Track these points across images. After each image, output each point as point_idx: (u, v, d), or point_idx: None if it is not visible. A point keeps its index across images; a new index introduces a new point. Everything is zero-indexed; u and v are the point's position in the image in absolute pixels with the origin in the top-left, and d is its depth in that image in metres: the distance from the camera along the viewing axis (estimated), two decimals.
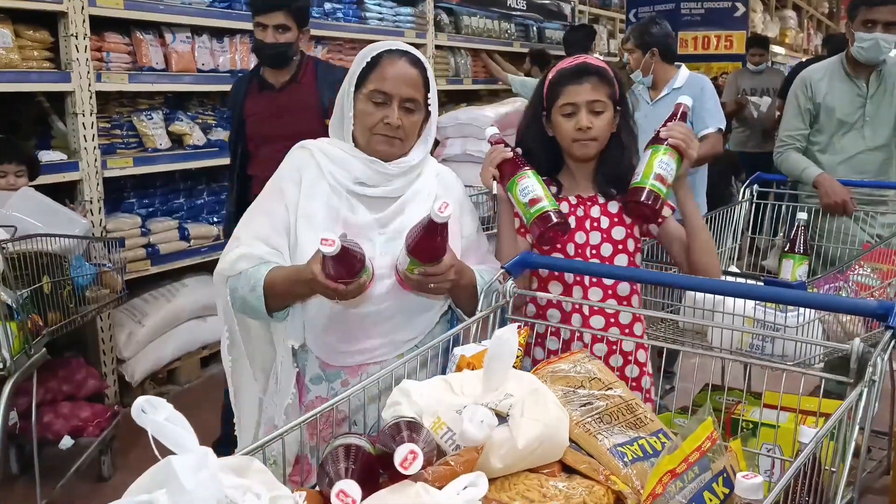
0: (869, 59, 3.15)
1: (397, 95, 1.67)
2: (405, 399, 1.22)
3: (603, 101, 1.82)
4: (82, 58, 3.37)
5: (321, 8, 4.80)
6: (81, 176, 3.43)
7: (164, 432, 0.84)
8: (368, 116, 1.69)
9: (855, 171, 3.24)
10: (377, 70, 1.69)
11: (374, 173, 1.71)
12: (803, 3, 13.98)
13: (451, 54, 6.26)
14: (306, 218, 1.70)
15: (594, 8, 9.57)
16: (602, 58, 1.98)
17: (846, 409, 1.18)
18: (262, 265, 1.66)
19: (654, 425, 1.32)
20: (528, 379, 1.26)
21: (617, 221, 1.90)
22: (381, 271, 1.65)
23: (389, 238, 1.71)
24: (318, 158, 1.74)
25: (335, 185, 1.71)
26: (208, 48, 4.06)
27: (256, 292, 1.63)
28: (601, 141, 1.85)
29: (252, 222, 1.75)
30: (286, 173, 1.76)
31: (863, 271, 2.72)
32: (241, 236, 1.73)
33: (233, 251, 1.70)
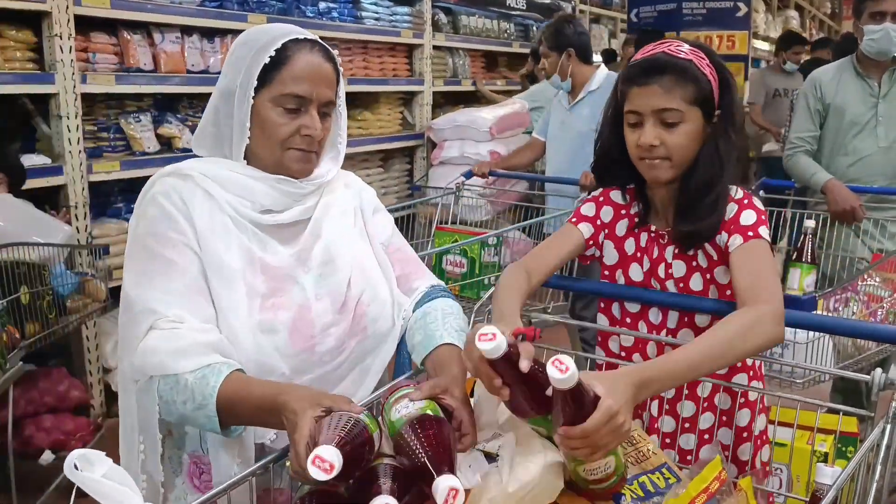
0: (881, 51, 3.05)
1: (317, 100, 1.34)
2: None
3: (677, 110, 1.42)
4: (67, 59, 3.27)
5: (315, 7, 4.70)
6: (66, 180, 3.33)
7: (102, 490, 0.74)
8: (280, 128, 1.33)
9: (868, 172, 3.14)
10: (287, 67, 1.32)
11: (281, 195, 1.36)
12: (805, 3, 13.91)
13: (449, 55, 6.16)
14: (219, 272, 1.30)
15: (595, 7, 9.48)
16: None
17: (869, 446, 1.09)
18: (207, 371, 1.20)
19: (657, 459, 1.23)
20: (514, 420, 1.17)
21: (695, 266, 1.52)
22: (326, 318, 1.36)
23: (320, 276, 1.39)
24: (207, 186, 1.33)
25: (237, 217, 1.33)
26: (198, 49, 3.96)
27: (205, 411, 1.19)
28: (678, 161, 1.45)
29: (157, 280, 1.28)
30: (176, 212, 1.31)
31: (873, 282, 2.65)
32: (154, 304, 1.26)
33: (151, 335, 1.24)
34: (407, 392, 1.12)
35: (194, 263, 1.30)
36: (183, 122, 3.98)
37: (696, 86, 1.42)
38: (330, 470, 0.90)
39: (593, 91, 3.65)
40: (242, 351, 1.29)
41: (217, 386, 1.18)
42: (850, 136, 3.15)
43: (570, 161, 3.67)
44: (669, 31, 8.61)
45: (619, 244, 1.62)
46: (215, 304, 1.30)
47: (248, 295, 1.31)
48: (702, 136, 1.46)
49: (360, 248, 1.47)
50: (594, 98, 3.62)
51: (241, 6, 4.15)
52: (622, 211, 1.62)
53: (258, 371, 1.28)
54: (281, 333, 1.32)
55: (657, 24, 8.66)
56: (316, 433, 0.99)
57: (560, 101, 3.84)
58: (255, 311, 1.31)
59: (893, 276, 2.72)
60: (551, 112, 3.95)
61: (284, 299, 1.34)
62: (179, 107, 4.10)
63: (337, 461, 0.90)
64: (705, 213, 1.45)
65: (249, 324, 1.30)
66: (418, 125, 5.61)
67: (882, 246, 3.06)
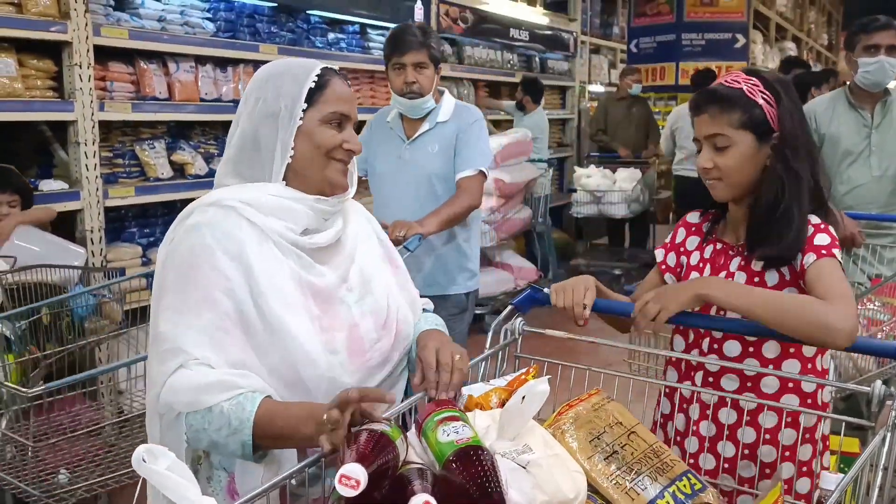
0: (876, 83, 3.14)
1: (354, 118, 1.48)
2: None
3: (724, 135, 1.55)
4: (86, 87, 3.36)
5: (325, 38, 4.82)
6: (83, 205, 3.40)
7: (166, 483, 0.80)
8: (330, 140, 1.42)
9: (862, 201, 3.22)
10: (327, 90, 1.44)
11: (317, 215, 1.43)
12: (803, 35, 14.09)
13: (453, 85, 6.28)
14: (281, 299, 1.34)
15: (596, 38, 9.64)
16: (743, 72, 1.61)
17: (870, 454, 1.15)
18: (242, 398, 1.24)
19: (679, 467, 1.29)
20: (548, 438, 1.23)
21: (756, 282, 1.60)
22: (372, 335, 1.44)
23: (360, 296, 1.46)
24: (249, 215, 1.36)
25: (281, 242, 1.38)
26: (212, 78, 4.06)
27: (240, 436, 1.22)
28: (732, 181, 1.58)
29: (189, 317, 1.30)
30: (217, 245, 1.33)
31: (872, 306, 2.70)
32: (184, 343, 1.28)
33: (181, 374, 1.27)
34: (451, 414, 1.16)
35: (229, 304, 1.31)
36: (195, 148, 4.06)
37: (744, 111, 1.55)
38: (357, 486, 0.96)
39: (442, 122, 2.98)
40: (316, 370, 1.34)
41: (254, 410, 1.22)
42: (844, 165, 3.24)
43: (413, 213, 2.85)
44: (669, 61, 8.77)
45: (688, 257, 1.77)
46: (277, 326, 1.32)
47: (308, 319, 1.36)
48: (757, 157, 1.57)
49: (386, 269, 1.57)
50: (445, 130, 2.99)
51: (253, 37, 4.26)
52: (693, 228, 1.79)
53: (330, 387, 1.34)
54: (342, 353, 1.39)
55: (656, 56, 8.81)
56: (342, 452, 1.06)
57: (391, 128, 3.08)
58: (317, 332, 1.36)
59: (893, 300, 2.77)
60: (375, 144, 3.12)
61: (336, 321, 1.40)
62: (192, 134, 4.20)
63: (362, 477, 0.96)
64: (778, 233, 1.54)
65: (317, 345, 1.35)
66: None
67: (879, 271, 3.12)
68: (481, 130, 3.05)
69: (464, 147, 2.94)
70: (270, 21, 4.41)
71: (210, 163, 4.09)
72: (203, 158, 4.06)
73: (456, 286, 3.06)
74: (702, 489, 1.24)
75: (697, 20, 8.97)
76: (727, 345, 1.63)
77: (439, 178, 2.97)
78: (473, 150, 2.96)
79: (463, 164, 2.94)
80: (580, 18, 8.45)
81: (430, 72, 2.91)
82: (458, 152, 2.95)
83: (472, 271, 3.14)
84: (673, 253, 1.80)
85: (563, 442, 1.25)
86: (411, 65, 2.88)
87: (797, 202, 1.54)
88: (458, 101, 3.14)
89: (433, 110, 2.98)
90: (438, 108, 3.00)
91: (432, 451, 1.11)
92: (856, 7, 12.00)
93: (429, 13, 5.73)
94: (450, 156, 2.95)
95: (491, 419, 1.23)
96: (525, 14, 7.22)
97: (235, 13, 4.19)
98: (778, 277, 1.60)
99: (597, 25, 9.76)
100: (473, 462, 1.03)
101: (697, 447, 1.63)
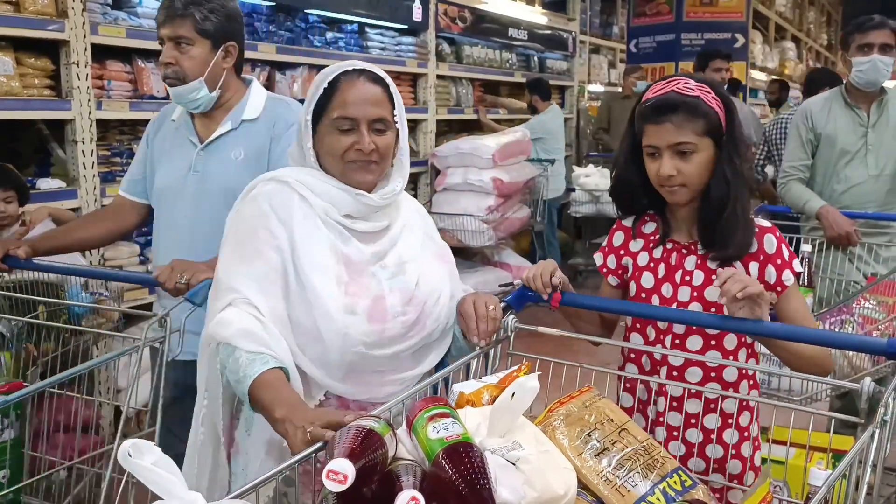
0: (870, 82, 3.15)
1: (364, 118, 1.56)
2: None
3: (691, 143, 1.56)
4: (83, 86, 3.36)
5: (322, 37, 4.82)
6: (80, 203, 3.41)
7: (151, 478, 0.81)
8: (337, 145, 1.58)
9: (859, 200, 3.23)
10: (337, 95, 1.57)
11: (361, 206, 1.61)
12: (802, 35, 14.10)
13: (452, 84, 6.28)
14: (312, 262, 1.55)
15: (595, 38, 9.64)
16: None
17: (858, 450, 1.15)
18: (258, 359, 1.43)
19: (670, 464, 1.30)
20: (538, 434, 1.24)
21: (714, 280, 1.63)
22: (396, 309, 1.59)
23: (393, 273, 1.62)
24: (301, 191, 1.59)
25: (326, 219, 1.59)
26: None
27: (241, 387, 1.43)
28: (694, 186, 1.60)
29: (244, 266, 1.55)
30: (271, 211, 1.58)
31: (868, 304, 2.70)
32: (237, 286, 1.53)
33: (230, 311, 1.51)
34: (441, 411, 1.17)
35: (277, 259, 1.54)
36: None
37: (706, 119, 1.57)
38: (344, 481, 0.97)
39: (251, 120, 2.27)
40: (333, 324, 1.52)
41: (259, 372, 1.41)
42: (841, 164, 3.25)
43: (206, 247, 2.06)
44: (668, 61, 8.78)
45: (633, 258, 1.77)
46: (308, 287, 1.52)
47: (336, 282, 1.55)
48: (713, 161, 1.60)
49: (428, 260, 1.71)
50: (251, 130, 2.27)
51: (251, 36, 4.26)
52: (631, 232, 1.78)
53: (343, 342, 1.53)
54: (360, 316, 1.55)
55: (656, 56, 8.82)
56: (330, 447, 1.07)
57: (178, 128, 2.34)
58: (341, 295, 1.54)
59: (888, 299, 2.78)
60: (158, 149, 2.38)
61: (363, 289, 1.57)
62: None
63: (350, 472, 0.97)
64: (731, 232, 1.59)
65: (338, 304, 1.53)
66: (422, 152, 5.71)
67: (874, 270, 3.13)
68: None
69: (281, 157, 2.13)
70: (268, 20, 4.41)
71: None
72: None
73: None
74: (692, 486, 1.25)
75: (697, 20, 8.97)
76: (690, 340, 1.67)
77: None
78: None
79: None
80: (579, 18, 8.46)
81: (198, 51, 2.19)
82: (273, 164, 2.17)
83: None
84: (613, 256, 1.81)
85: (553, 439, 1.26)
86: (169, 39, 2.21)
87: (742, 201, 1.60)
88: (273, 95, 2.39)
89: (239, 105, 2.28)
90: (244, 103, 2.28)
91: (422, 447, 1.11)
92: (855, 7, 12.00)
93: (427, 12, 5.73)
94: (261, 167, 2.17)
95: (481, 416, 1.23)
96: (524, 13, 7.22)
97: None
98: None
99: (596, 25, 9.76)
100: (462, 458, 1.03)
101: (666, 437, 1.66)
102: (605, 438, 1.29)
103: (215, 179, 2.22)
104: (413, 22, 5.59)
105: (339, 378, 1.57)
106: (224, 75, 2.25)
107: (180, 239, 2.27)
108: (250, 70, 4.27)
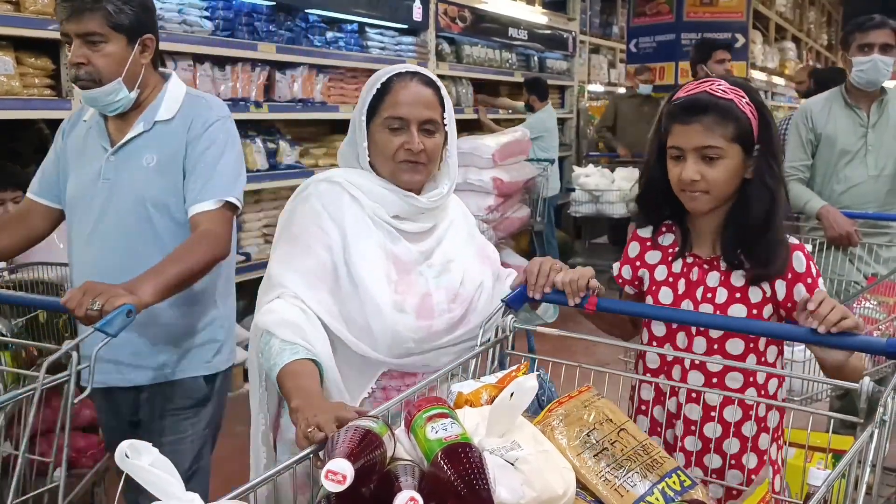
0: (870, 82, 3.16)
1: (415, 119, 1.60)
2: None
3: (719, 147, 1.48)
4: None
5: (323, 37, 4.82)
6: None
7: (149, 478, 0.81)
8: (388, 144, 1.61)
9: (859, 200, 3.23)
10: (390, 96, 1.62)
11: (410, 207, 1.65)
12: (802, 35, 14.10)
13: (452, 84, 6.28)
14: (363, 260, 1.59)
15: (595, 38, 9.64)
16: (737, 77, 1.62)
17: (857, 450, 1.15)
18: (289, 349, 1.47)
19: (669, 464, 1.30)
20: (537, 434, 1.23)
21: (739, 298, 1.56)
22: (442, 306, 1.64)
23: (439, 272, 1.67)
24: (352, 192, 1.64)
25: (376, 219, 1.63)
26: (210, 76, 4.07)
27: (272, 373, 1.47)
28: (718, 194, 1.52)
29: (294, 262, 1.60)
30: (323, 210, 1.62)
31: (868, 304, 2.70)
32: (285, 282, 1.57)
33: (276, 302, 1.55)
34: (440, 411, 1.15)
35: (327, 256, 1.58)
36: None
37: (737, 124, 1.49)
38: (343, 481, 0.96)
39: (165, 121, 2.02)
40: (384, 322, 1.57)
41: (287, 361, 1.44)
42: (841, 164, 3.25)
43: (117, 267, 1.94)
44: (668, 61, 8.77)
45: (650, 271, 1.70)
46: (360, 283, 1.57)
47: (386, 281, 1.60)
48: (741, 170, 1.52)
49: (472, 260, 1.75)
50: (167, 134, 2.02)
51: (251, 36, 4.27)
52: (648, 243, 1.71)
53: (393, 339, 1.58)
54: (409, 314, 1.60)
55: (656, 56, 8.81)
56: (329, 447, 1.06)
57: (90, 129, 2.08)
58: (391, 293, 1.59)
59: (888, 299, 2.78)
60: (70, 154, 2.12)
61: (411, 287, 1.63)
62: None
63: (349, 472, 0.96)
64: (768, 249, 1.52)
65: (388, 301, 1.58)
66: None
67: (874, 270, 3.13)
68: (228, 137, 2.03)
69: (198, 163, 1.97)
70: (269, 20, 4.42)
71: None
72: None
73: (189, 367, 2.11)
74: (691, 486, 1.25)
75: (697, 20, 8.96)
76: (697, 341, 1.60)
77: (160, 209, 2.00)
78: (212, 169, 1.98)
79: (197, 190, 1.97)
80: (579, 18, 8.46)
81: (112, 48, 1.92)
82: (189, 171, 1.99)
83: (217, 341, 2.16)
84: (628, 266, 1.74)
85: (552, 439, 1.25)
86: (77, 36, 1.92)
87: (781, 216, 1.54)
88: (193, 92, 2.12)
89: (153, 104, 2.03)
90: (159, 101, 2.02)
91: (420, 447, 1.11)
92: (855, 7, 12.00)
93: (427, 12, 5.74)
94: (175, 173, 1.99)
95: (480, 416, 1.23)
96: (524, 13, 7.22)
97: (233, 12, 4.19)
98: (761, 295, 1.56)
99: (596, 25, 9.76)
100: (461, 459, 1.03)
101: (674, 441, 1.63)
102: (604, 438, 1.28)
103: (125, 188, 1.99)
104: (413, 22, 5.60)
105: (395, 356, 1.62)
106: (143, 72, 1.99)
107: (91, 256, 2.04)
108: (250, 70, 4.27)
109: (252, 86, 4.27)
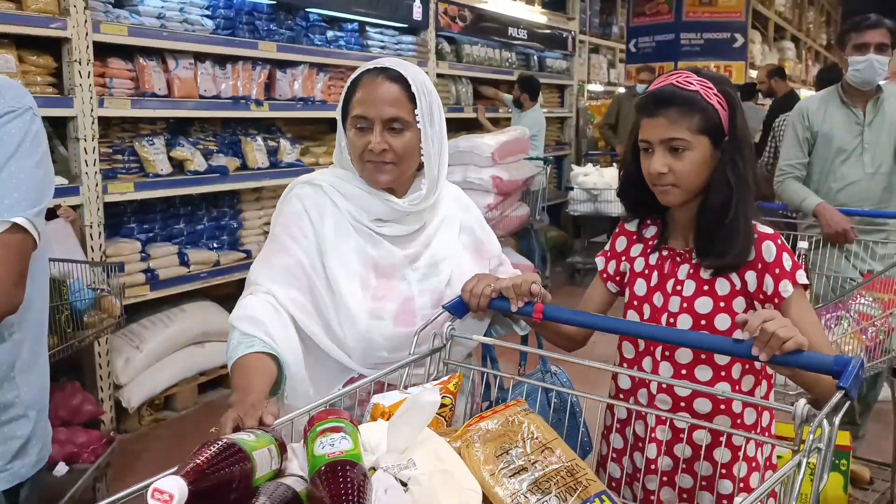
0: (866, 81, 3.18)
1: (378, 117, 1.54)
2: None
3: (684, 140, 1.47)
4: (85, 83, 3.38)
5: (323, 36, 4.84)
6: (82, 200, 3.43)
7: None
8: (355, 144, 1.58)
9: (855, 198, 3.25)
10: (356, 94, 1.57)
11: (390, 210, 1.61)
12: (801, 35, 14.12)
13: (452, 83, 6.30)
14: (341, 266, 1.57)
15: (595, 38, 9.66)
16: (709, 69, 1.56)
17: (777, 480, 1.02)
18: (245, 342, 1.45)
19: (594, 487, 1.18)
20: (442, 451, 1.15)
21: (706, 290, 1.55)
22: (426, 311, 1.60)
23: (423, 275, 1.63)
24: (333, 196, 1.62)
25: (356, 224, 1.61)
26: (210, 74, 4.09)
27: (229, 364, 1.46)
28: (688, 187, 1.51)
29: (271, 260, 1.59)
30: (304, 212, 1.61)
31: (864, 301, 2.72)
32: (259, 280, 1.58)
33: (248, 298, 1.55)
34: (334, 425, 1.08)
35: (303, 256, 1.57)
36: (195, 145, 4.09)
37: (703, 115, 1.47)
38: (169, 500, 0.87)
39: None
40: (356, 329, 1.55)
41: (241, 355, 1.43)
42: (837, 162, 3.27)
43: None
44: (668, 61, 8.79)
45: (631, 263, 1.71)
46: (336, 290, 1.55)
47: (361, 287, 1.57)
48: (710, 162, 1.51)
49: (462, 256, 1.72)
50: None
51: (252, 34, 4.29)
52: (634, 236, 1.72)
53: (367, 346, 1.56)
54: (387, 320, 1.57)
55: (655, 55, 8.83)
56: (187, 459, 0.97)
57: None
58: (367, 300, 1.57)
59: (884, 295, 2.79)
60: None
61: (391, 293, 1.60)
62: (191, 131, 4.22)
63: (177, 492, 0.88)
64: (727, 240, 1.49)
65: (362, 309, 1.55)
66: None
67: (870, 267, 3.15)
68: (24, 136, 1.43)
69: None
70: (269, 18, 4.44)
71: (208, 159, 4.11)
72: (202, 155, 4.08)
73: None
74: None
75: (696, 20, 8.99)
76: (679, 353, 1.57)
77: None
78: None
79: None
80: (579, 17, 8.48)
81: None
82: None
83: (16, 438, 1.52)
84: (614, 261, 1.74)
85: (468, 455, 1.17)
86: None
87: (744, 207, 1.50)
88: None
89: None
90: None
91: (308, 463, 1.04)
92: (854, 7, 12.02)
93: (427, 11, 5.76)
94: None
95: (384, 431, 1.15)
96: (523, 13, 7.24)
97: (234, 10, 4.21)
98: (729, 287, 1.55)
99: (596, 25, 9.78)
100: (338, 478, 0.97)
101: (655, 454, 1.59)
102: (526, 457, 1.18)
103: None
104: (413, 21, 5.62)
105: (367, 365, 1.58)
106: None
107: None
108: (251, 68, 4.29)
109: (253, 84, 4.29)
